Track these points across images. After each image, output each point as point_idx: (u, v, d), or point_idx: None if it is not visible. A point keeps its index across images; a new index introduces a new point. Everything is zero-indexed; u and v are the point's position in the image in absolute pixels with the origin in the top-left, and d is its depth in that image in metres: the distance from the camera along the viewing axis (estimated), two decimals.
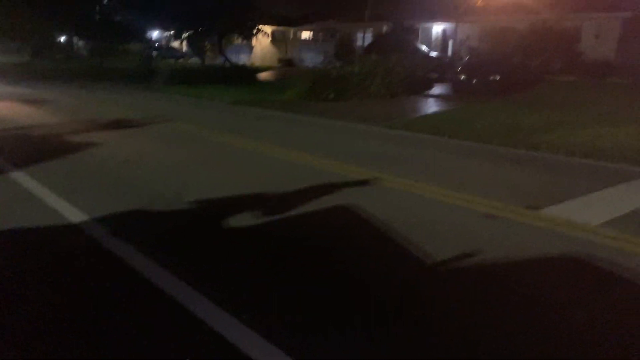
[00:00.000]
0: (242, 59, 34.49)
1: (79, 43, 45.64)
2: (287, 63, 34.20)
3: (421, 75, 18.46)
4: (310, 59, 32.84)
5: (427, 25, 29.40)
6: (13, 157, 7.22)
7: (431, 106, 14.33)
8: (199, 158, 7.36)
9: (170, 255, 3.85)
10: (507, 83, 16.64)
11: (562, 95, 15.93)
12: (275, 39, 37.29)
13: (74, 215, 4.72)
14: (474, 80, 16.96)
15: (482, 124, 10.67)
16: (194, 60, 38.85)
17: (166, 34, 49.61)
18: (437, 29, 29.64)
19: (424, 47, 25.62)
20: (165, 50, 43.62)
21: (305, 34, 37.95)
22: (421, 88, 17.64)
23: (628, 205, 5.16)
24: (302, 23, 37.64)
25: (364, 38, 28.37)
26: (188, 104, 14.81)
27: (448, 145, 8.79)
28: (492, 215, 4.84)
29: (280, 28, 37.62)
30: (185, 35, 34.50)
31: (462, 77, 17.60)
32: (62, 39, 47.27)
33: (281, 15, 38.28)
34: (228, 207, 5.07)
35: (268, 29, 33.97)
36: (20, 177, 6.14)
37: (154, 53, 40.91)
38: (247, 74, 24.90)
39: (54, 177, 6.14)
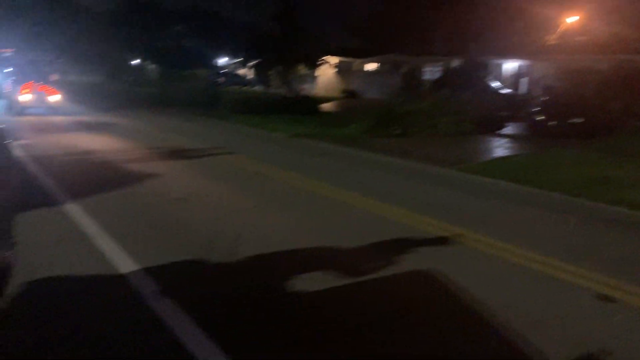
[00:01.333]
0: (306, 89, 34.47)
1: (149, 67, 47.34)
2: (350, 94, 33.81)
3: (492, 113, 17.49)
4: (375, 91, 32.35)
5: (499, 61, 28.36)
6: (71, 186, 6.96)
7: (507, 148, 13.35)
8: (258, 199, 6.82)
9: (220, 328, 3.24)
10: (589, 127, 15.41)
11: None
12: (339, 69, 37.13)
13: (124, 263, 4.26)
14: (552, 122, 15.82)
15: (568, 172, 9.64)
16: (259, 88, 39.27)
17: (232, 61, 50.79)
18: (509, 66, 28.53)
19: (495, 84, 24.59)
20: (231, 77, 44.45)
21: (370, 66, 37.63)
22: (493, 127, 16.64)
23: None
24: (367, 55, 37.39)
25: (432, 72, 27.69)
26: (250, 135, 14.53)
27: (533, 196, 7.87)
28: (608, 298, 3.97)
29: (345, 59, 37.49)
30: (251, 63, 34.92)
31: (539, 117, 16.49)
32: (134, 62, 49.31)
33: (346, 46, 38.23)
34: (289, 266, 4.45)
35: (333, 59, 33.88)
36: (75, 211, 5.80)
37: (220, 79, 41.71)
38: (311, 104, 24.54)
39: (107, 214, 5.76)
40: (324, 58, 32.25)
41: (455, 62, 28.31)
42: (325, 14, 33.96)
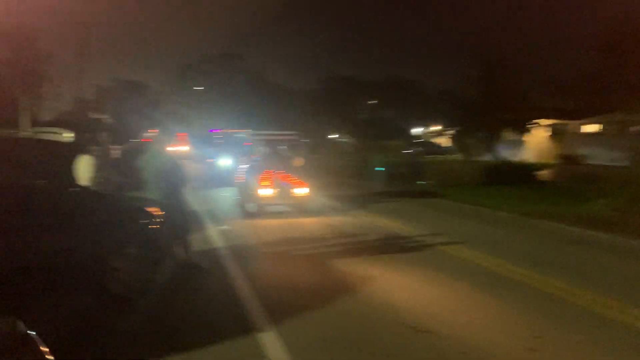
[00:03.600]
0: (513, 155, 31.08)
1: (346, 140, 48.33)
2: (568, 160, 29.41)
3: None
4: (600, 156, 27.72)
5: None
6: (266, 296, 5.45)
7: None
8: (532, 328, 4.48)
9: None
10: None
11: None
12: (552, 133, 32.96)
13: None
14: None
15: None
16: (456, 157, 36.89)
17: (427, 129, 49.40)
18: None
19: None
20: (426, 146, 42.83)
21: (590, 128, 32.77)
22: None
23: None
24: (585, 115, 32.72)
25: None
26: (468, 215, 12.15)
27: None
28: None
29: (559, 121, 33.27)
30: (449, 131, 32.99)
31: None
32: (331, 136, 50.99)
33: (559, 107, 34.11)
34: None
35: (545, 122, 30.16)
36: (271, 342, 4.17)
37: (416, 149, 40.35)
38: (524, 173, 21.38)
39: (311, 351, 4.01)
40: (534, 121, 28.83)
41: None
42: (534, 74, 30.58)
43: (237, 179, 12.98)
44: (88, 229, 4.91)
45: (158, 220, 5.69)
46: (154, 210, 5.72)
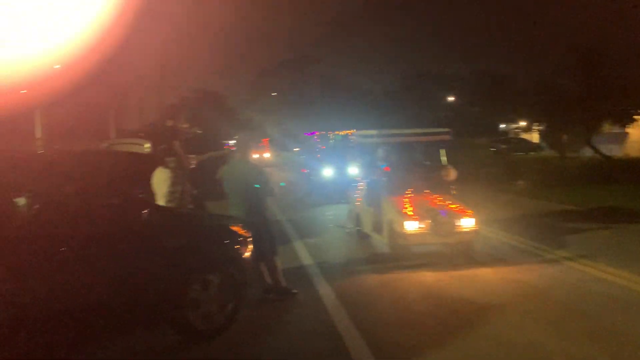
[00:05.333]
0: (613, 150, 28.22)
1: None
2: None
3: None
4: None
5: None
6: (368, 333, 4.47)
7: None
8: None
9: None
10: None
11: None
12: None
13: None
14: None
15: None
16: (548, 153, 34.24)
17: (515, 125, 46.34)
18: None
19: None
20: (516, 142, 40.40)
21: None
22: None
23: None
24: None
25: None
26: (582, 221, 10.43)
27: None
28: None
29: None
30: (539, 126, 30.68)
31: None
32: None
33: None
34: None
35: None
36: None
37: (504, 146, 37.98)
38: (634, 169, 18.93)
39: None
40: None
41: None
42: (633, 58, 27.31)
43: (356, 199, 8.90)
44: (164, 256, 4.21)
45: (243, 240, 4.90)
46: (237, 228, 4.95)
